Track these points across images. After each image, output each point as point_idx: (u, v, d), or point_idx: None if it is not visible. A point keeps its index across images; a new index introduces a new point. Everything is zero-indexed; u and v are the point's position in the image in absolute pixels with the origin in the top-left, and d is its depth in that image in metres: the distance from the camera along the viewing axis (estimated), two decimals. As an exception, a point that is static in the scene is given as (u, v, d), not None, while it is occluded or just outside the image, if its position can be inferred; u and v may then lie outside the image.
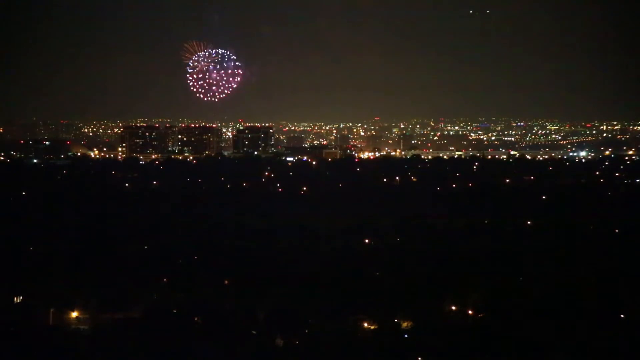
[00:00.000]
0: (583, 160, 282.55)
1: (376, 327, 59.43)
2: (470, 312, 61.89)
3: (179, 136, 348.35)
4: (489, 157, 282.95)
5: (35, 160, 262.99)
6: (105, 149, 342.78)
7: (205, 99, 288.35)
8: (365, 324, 59.78)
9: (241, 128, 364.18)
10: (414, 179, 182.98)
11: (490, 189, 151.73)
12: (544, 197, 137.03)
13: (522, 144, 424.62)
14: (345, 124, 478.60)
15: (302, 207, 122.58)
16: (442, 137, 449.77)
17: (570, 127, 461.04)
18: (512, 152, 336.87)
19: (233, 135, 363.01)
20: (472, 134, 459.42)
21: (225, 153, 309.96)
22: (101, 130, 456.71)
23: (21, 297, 65.66)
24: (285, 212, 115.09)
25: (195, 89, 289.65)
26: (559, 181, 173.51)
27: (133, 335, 54.90)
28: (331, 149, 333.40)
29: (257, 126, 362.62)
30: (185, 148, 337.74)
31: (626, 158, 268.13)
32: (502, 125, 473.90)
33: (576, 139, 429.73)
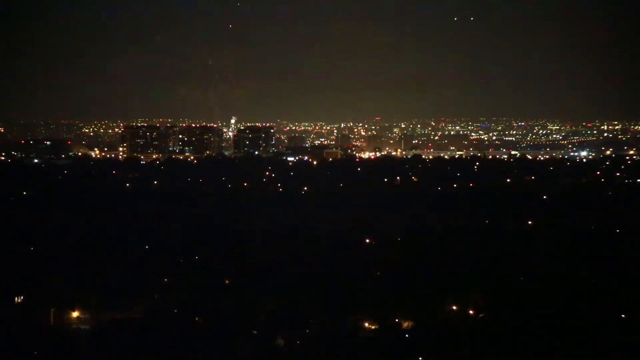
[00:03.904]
0: (584, 160, 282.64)
1: (377, 327, 59.42)
2: (471, 312, 61.89)
3: (180, 136, 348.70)
4: (490, 157, 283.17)
5: (36, 160, 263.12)
6: (106, 149, 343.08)
7: None
8: (366, 324, 59.78)
9: (242, 128, 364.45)
10: (415, 179, 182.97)
11: (491, 189, 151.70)
12: (544, 197, 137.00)
13: (523, 143, 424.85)
14: (346, 124, 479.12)
15: (303, 206, 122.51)
16: (443, 137, 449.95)
17: (571, 127, 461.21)
18: (513, 152, 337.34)
19: (234, 135, 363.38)
20: (473, 134, 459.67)
21: (226, 153, 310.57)
22: (102, 130, 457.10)
23: (22, 297, 65.66)
24: (285, 211, 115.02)
25: None
26: (560, 181, 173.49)
27: (133, 335, 54.92)
28: (332, 148, 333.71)
29: (258, 126, 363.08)
30: (186, 148, 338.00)
31: (627, 158, 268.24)
32: (503, 125, 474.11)
33: (577, 138, 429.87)
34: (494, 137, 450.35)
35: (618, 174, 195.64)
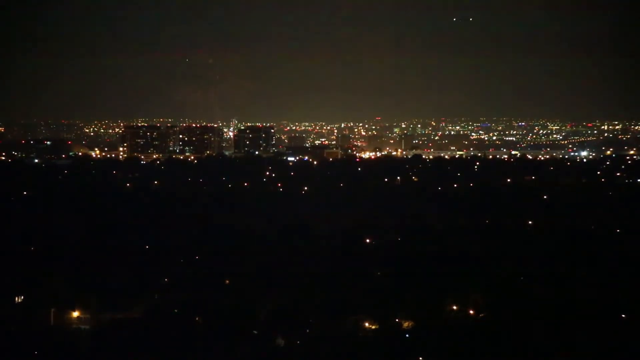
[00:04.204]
0: (584, 160, 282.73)
1: (377, 327, 59.42)
2: (471, 312, 61.88)
3: (180, 136, 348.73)
4: (490, 157, 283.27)
5: (36, 160, 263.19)
6: (106, 149, 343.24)
7: None
8: (366, 324, 59.77)
9: (242, 128, 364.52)
10: (415, 179, 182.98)
11: (491, 188, 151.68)
12: (545, 197, 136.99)
13: (523, 143, 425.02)
14: (347, 124, 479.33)
15: (303, 206, 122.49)
16: (443, 136, 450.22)
17: (572, 127, 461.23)
18: (513, 152, 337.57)
19: (234, 135, 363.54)
20: (473, 134, 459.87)
21: (227, 153, 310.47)
22: (102, 130, 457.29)
23: (22, 297, 65.67)
24: (286, 211, 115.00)
25: None
26: (560, 181, 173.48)
27: (133, 335, 54.92)
28: (332, 148, 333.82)
29: (258, 126, 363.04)
30: (187, 148, 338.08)
31: (627, 158, 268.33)
32: (504, 125, 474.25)
33: (577, 138, 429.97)
34: (494, 137, 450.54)
35: (618, 174, 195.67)
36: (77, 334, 58.58)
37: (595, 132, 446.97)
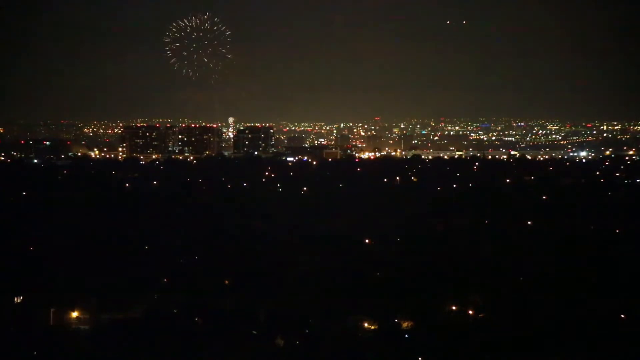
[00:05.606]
0: (583, 161, 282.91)
1: (376, 327, 59.44)
2: (470, 312, 61.92)
3: (180, 136, 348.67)
4: (490, 157, 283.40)
5: (35, 160, 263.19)
6: (105, 149, 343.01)
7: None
8: (366, 324, 59.80)
9: (241, 128, 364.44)
10: (415, 179, 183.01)
11: (490, 189, 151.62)
12: (544, 198, 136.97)
13: (522, 144, 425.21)
14: (346, 124, 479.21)
15: (303, 207, 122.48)
16: (442, 137, 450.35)
17: (571, 127, 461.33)
18: (512, 152, 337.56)
19: (233, 136, 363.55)
20: (472, 134, 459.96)
21: (226, 153, 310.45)
22: (101, 131, 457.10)
23: (21, 297, 65.67)
24: (285, 212, 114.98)
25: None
26: (559, 181, 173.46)
27: (133, 335, 54.95)
28: (331, 149, 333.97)
29: (258, 126, 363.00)
30: (186, 148, 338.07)
31: (626, 158, 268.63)
32: (503, 126, 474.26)
33: (576, 139, 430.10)
34: (494, 138, 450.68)
35: (618, 174, 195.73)
36: (77, 334, 58.60)
37: (595, 132, 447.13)
